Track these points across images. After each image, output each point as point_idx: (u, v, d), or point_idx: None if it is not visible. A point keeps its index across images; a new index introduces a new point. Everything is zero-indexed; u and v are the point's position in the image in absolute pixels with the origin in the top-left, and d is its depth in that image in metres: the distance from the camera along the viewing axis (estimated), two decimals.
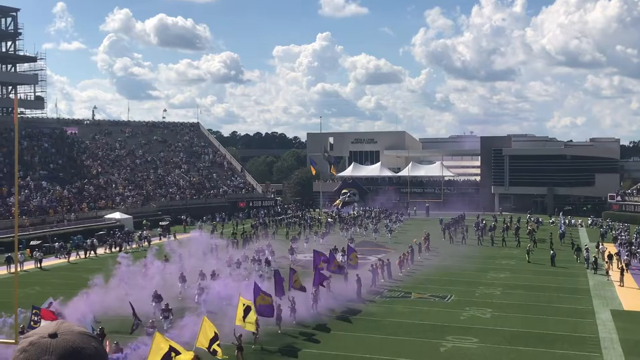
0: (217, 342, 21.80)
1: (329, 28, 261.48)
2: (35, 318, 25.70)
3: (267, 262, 42.86)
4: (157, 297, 31.62)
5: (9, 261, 44.76)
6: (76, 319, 26.24)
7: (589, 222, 75.66)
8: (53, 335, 1.69)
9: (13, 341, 21.62)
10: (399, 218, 76.19)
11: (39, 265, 47.07)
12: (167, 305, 29.93)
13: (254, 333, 26.15)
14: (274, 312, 28.48)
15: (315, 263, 35.38)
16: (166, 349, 19.60)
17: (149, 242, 57.95)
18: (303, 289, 32.31)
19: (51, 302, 27.64)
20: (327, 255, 38.08)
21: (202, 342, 21.61)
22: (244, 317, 25.19)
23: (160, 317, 28.93)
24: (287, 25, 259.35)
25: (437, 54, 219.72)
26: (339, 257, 41.73)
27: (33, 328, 24.44)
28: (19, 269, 34.33)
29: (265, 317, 27.58)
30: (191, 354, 20.03)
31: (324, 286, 33.95)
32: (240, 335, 24.31)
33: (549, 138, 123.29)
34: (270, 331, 28.11)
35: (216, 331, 22.01)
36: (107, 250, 54.85)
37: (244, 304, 25.50)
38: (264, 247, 49.83)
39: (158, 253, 43.90)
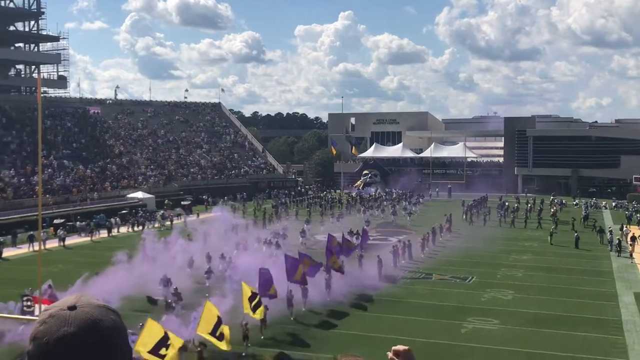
0: (221, 329, 21.06)
1: (351, 7, 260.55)
2: (29, 303, 25.41)
3: (277, 245, 41.65)
4: (166, 281, 30.80)
5: (31, 239, 45.48)
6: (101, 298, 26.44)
7: (613, 204, 74.92)
8: (72, 308, 1.74)
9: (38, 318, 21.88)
10: (419, 200, 75.69)
11: (62, 244, 47.64)
12: (176, 289, 29.15)
13: (261, 321, 25.07)
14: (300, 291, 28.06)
15: (327, 247, 34.13)
16: (159, 336, 19.37)
17: (171, 221, 58.36)
18: (312, 272, 30.65)
19: (50, 285, 27.43)
20: (341, 239, 36.96)
21: (205, 328, 20.83)
22: (251, 305, 24.21)
23: (172, 302, 28.08)
24: (309, 5, 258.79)
25: (461, 33, 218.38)
26: (353, 240, 41.00)
27: (26, 313, 24.65)
28: (42, 247, 34.78)
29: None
30: (181, 341, 19.73)
31: (337, 270, 32.69)
32: (247, 324, 23.62)
33: (574, 119, 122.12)
34: (282, 316, 27.46)
35: (220, 316, 21.31)
36: (130, 229, 55.36)
37: (251, 292, 24.54)
38: (279, 229, 49.11)
39: (181, 232, 44.19)
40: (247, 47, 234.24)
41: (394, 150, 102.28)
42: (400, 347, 2.27)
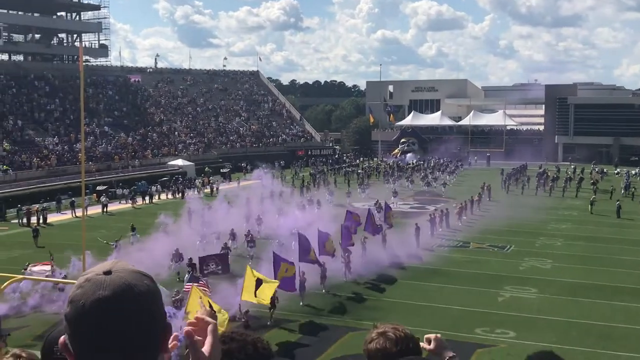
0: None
1: None
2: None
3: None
4: (178, 257, 28.95)
5: (72, 205, 46.63)
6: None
7: None
8: (108, 273, 1.80)
9: None
10: (454, 171, 73.66)
11: (105, 210, 48.64)
12: (190, 259, 27.45)
13: (269, 308, 22.83)
14: (298, 284, 24.76)
15: (346, 223, 31.56)
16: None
17: (212, 189, 58.85)
18: (332, 254, 28.51)
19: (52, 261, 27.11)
20: (360, 216, 33.98)
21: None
22: (256, 290, 21.65)
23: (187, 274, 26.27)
24: None
25: None
26: (375, 214, 37.55)
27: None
28: (85, 213, 35.55)
29: (287, 291, 23.90)
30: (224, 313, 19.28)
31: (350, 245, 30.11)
32: (247, 312, 22.34)
33: (617, 86, 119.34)
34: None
35: (206, 303, 19.17)
36: (170, 196, 56.20)
37: (255, 277, 21.89)
38: (304, 200, 47.49)
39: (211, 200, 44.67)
40: (285, 15, 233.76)
41: (433, 118, 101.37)
42: (431, 336, 2.45)
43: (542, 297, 26.68)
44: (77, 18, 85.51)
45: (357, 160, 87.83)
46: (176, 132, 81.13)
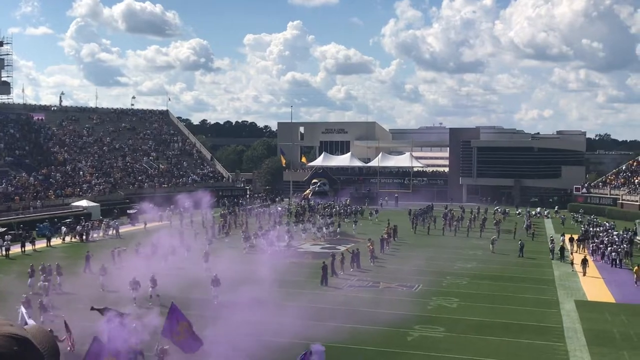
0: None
1: (300, 17, 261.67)
2: None
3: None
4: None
5: None
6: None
7: (554, 213, 76.59)
8: None
9: None
10: (352, 214, 69.20)
11: (6, 254, 46.36)
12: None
13: None
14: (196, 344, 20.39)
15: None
16: None
17: (117, 230, 57.13)
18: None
19: None
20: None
21: None
22: None
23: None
24: (258, 14, 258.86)
25: (407, 45, 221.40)
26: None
27: None
28: None
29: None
30: None
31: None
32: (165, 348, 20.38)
33: (517, 130, 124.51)
34: None
35: None
36: (74, 239, 54.25)
37: None
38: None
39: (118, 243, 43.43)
40: (195, 55, 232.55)
41: (343, 160, 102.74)
42: None
43: (449, 336, 27.12)
44: None
45: (271, 201, 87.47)
46: (81, 172, 78.79)
